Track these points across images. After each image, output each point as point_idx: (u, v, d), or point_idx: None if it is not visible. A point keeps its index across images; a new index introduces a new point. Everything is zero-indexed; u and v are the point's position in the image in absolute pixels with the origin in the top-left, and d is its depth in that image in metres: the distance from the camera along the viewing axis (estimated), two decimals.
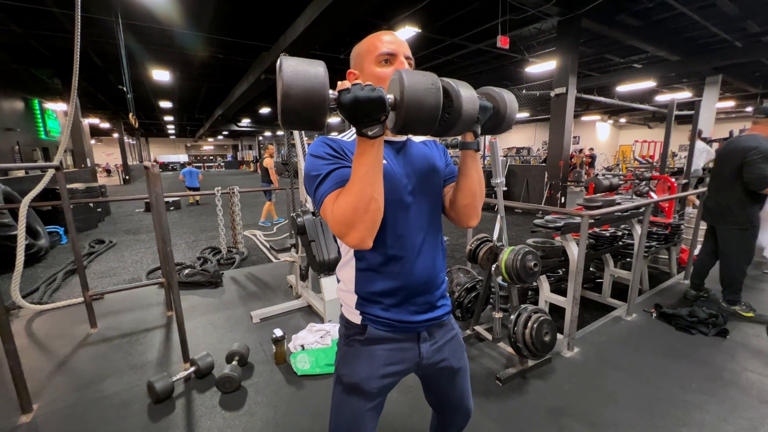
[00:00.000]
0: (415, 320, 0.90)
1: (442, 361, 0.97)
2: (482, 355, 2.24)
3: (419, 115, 0.66)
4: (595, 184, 3.85)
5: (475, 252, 2.38)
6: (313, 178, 0.80)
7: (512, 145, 22.56)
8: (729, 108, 15.06)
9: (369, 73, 0.85)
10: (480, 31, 7.12)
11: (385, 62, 0.84)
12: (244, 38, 7.38)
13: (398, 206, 0.85)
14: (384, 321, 0.88)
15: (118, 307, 2.99)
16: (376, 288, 0.88)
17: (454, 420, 1.10)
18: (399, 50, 0.84)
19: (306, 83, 0.61)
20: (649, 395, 1.88)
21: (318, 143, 0.85)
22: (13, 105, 9.04)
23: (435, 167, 0.93)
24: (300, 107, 0.62)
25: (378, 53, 0.83)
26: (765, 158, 2.48)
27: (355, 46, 0.89)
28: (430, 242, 0.91)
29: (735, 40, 7.68)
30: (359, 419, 0.91)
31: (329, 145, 0.84)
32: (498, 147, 2.10)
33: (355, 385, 0.90)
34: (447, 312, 0.97)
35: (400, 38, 0.86)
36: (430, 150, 0.97)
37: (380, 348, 0.89)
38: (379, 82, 0.82)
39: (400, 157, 0.90)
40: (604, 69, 10.74)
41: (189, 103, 16.36)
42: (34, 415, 1.75)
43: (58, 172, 2.36)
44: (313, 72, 0.62)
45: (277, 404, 1.82)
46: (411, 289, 0.88)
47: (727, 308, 2.78)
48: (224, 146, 41.63)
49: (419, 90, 0.65)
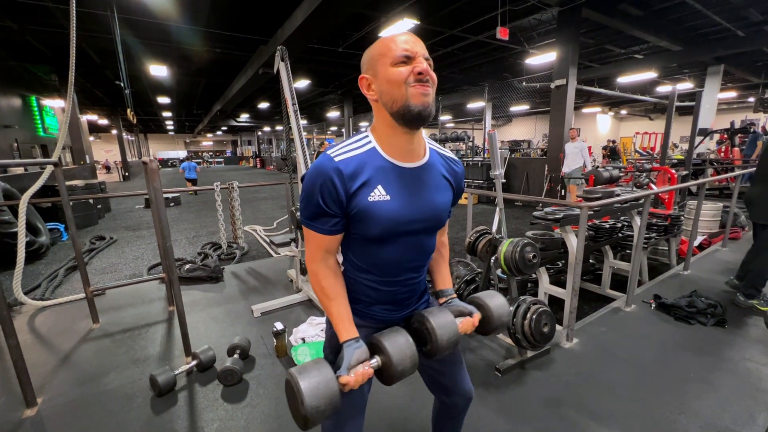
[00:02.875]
0: (394, 317, 0.98)
1: None
2: (482, 347, 2.26)
3: (399, 378, 0.84)
4: (595, 176, 3.84)
5: (475, 244, 2.39)
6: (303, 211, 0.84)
7: (513, 137, 22.46)
8: (731, 98, 14.97)
9: (384, 75, 0.78)
10: (479, 23, 7.05)
11: (402, 63, 0.77)
12: (241, 32, 7.31)
13: (396, 243, 0.87)
14: (365, 314, 0.96)
15: (119, 303, 3.00)
16: (360, 294, 0.94)
17: (456, 402, 1.13)
18: (416, 51, 0.78)
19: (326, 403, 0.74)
20: (647, 385, 1.89)
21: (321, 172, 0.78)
22: (10, 102, 9.01)
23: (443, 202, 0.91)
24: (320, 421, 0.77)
25: (395, 55, 0.77)
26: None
27: (367, 50, 0.84)
28: (419, 271, 0.97)
29: (737, 29, 7.61)
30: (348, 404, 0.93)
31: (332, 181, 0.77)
32: (496, 138, 2.09)
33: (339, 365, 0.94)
34: (424, 302, 1.05)
35: (416, 38, 0.80)
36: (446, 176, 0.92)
37: (363, 331, 0.93)
38: (395, 82, 0.77)
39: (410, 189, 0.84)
40: (604, 60, 10.65)
41: (187, 98, 16.28)
42: (38, 409, 1.77)
43: (56, 169, 2.35)
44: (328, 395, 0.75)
45: (279, 396, 1.84)
46: (393, 299, 0.95)
47: (744, 302, 2.69)
48: (223, 142, 41.54)
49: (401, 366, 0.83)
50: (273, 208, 8.26)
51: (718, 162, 8.44)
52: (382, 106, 0.81)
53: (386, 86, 0.78)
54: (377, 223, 0.82)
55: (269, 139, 31.01)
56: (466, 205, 3.14)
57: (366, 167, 0.80)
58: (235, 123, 23.82)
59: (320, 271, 0.87)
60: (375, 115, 0.85)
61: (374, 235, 0.84)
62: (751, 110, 13.71)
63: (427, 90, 0.77)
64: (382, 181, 0.81)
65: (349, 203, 0.80)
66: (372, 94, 0.83)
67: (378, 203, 0.80)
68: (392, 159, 0.83)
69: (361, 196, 0.79)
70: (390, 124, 0.81)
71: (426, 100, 0.77)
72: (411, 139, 0.83)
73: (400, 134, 0.82)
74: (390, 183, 0.82)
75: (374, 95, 0.82)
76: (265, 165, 26.73)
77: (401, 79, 0.76)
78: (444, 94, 14.13)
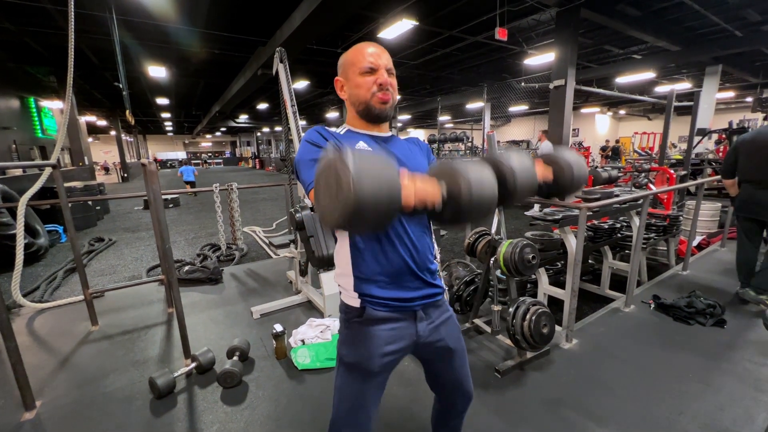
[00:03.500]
0: (410, 296, 0.94)
1: (439, 341, 1.01)
2: (481, 348, 2.26)
3: (475, 214, 0.68)
4: (593, 176, 3.85)
5: (474, 245, 2.39)
6: (305, 163, 0.87)
7: (512, 138, 22.49)
8: (729, 98, 14.99)
9: (353, 81, 0.94)
10: (478, 23, 7.06)
11: (367, 73, 0.92)
12: (240, 33, 7.31)
13: None
14: (381, 301, 0.92)
15: (118, 305, 3.00)
16: (371, 267, 0.92)
17: (455, 402, 1.13)
18: (380, 63, 0.93)
19: (381, 191, 0.56)
20: (646, 385, 1.89)
21: (312, 132, 0.94)
22: (8, 103, 9.00)
23: (419, 161, 1.02)
24: (373, 216, 0.57)
25: (361, 66, 0.92)
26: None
27: (342, 56, 0.98)
28: (416, 223, 0.96)
29: (735, 30, 7.63)
30: (362, 397, 0.95)
31: (321, 134, 0.93)
32: (495, 139, 2.09)
33: (356, 364, 0.94)
34: (440, 291, 1.02)
35: (381, 51, 0.95)
36: (413, 146, 1.06)
37: (379, 328, 0.93)
38: (360, 88, 0.93)
39: (385, 146, 0.98)
40: (603, 60, 10.67)
41: (186, 99, 16.26)
42: (37, 412, 1.76)
43: (55, 171, 2.35)
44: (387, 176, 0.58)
45: (278, 398, 1.84)
46: (404, 266, 0.93)
47: (755, 297, 2.70)
48: (222, 143, 41.51)
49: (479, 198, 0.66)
50: (272, 209, 8.26)
51: (717, 162, 8.45)
52: (351, 104, 0.98)
53: (354, 90, 0.95)
54: None
55: (268, 140, 31.01)
56: None
57: (345, 137, 0.96)
58: (234, 124, 23.79)
59: None
60: (347, 110, 1.02)
61: None
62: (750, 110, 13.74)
63: (386, 99, 0.94)
64: (363, 139, 0.96)
65: None
66: (344, 94, 0.99)
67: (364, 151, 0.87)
68: (364, 131, 0.99)
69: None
70: (357, 118, 0.99)
71: (384, 106, 0.94)
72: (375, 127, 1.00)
73: (366, 124, 0.99)
74: (368, 142, 0.96)
75: (345, 95, 0.99)
76: (264, 166, 26.72)
77: (366, 87, 0.92)
78: (443, 95, 14.13)
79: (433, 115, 17.14)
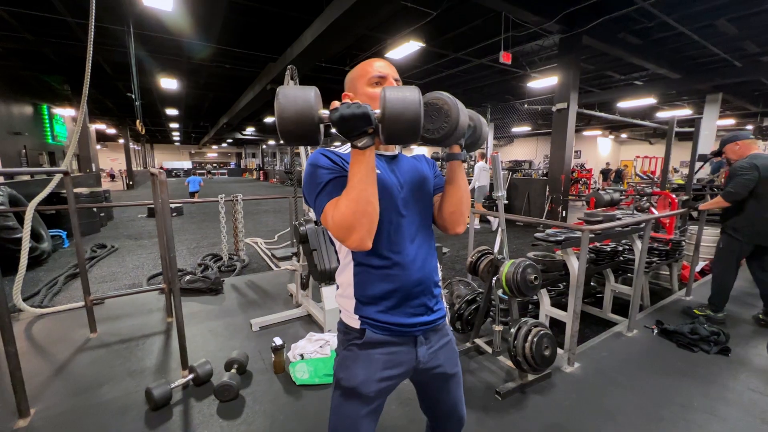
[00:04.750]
0: (411, 322, 0.93)
1: (437, 367, 0.99)
2: (482, 369, 2.23)
3: (399, 126, 0.74)
4: (596, 198, 3.87)
5: (476, 264, 2.39)
6: (314, 187, 0.87)
7: (514, 158, 22.68)
8: (729, 126, 15.17)
9: (362, 93, 0.93)
10: (483, 47, 7.25)
11: (376, 84, 0.92)
12: (251, 49, 7.53)
13: (392, 212, 0.91)
14: (382, 325, 0.91)
15: (118, 313, 2.99)
16: (374, 290, 0.91)
17: (447, 427, 1.11)
18: (389, 73, 0.93)
19: (297, 106, 0.72)
20: (649, 413, 1.86)
21: (317, 154, 0.91)
22: (22, 110, 9.18)
23: (425, 177, 1.01)
24: (292, 127, 0.73)
25: (370, 76, 0.92)
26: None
27: (349, 72, 0.98)
28: (423, 246, 0.96)
29: (734, 60, 7.80)
30: (357, 423, 0.92)
31: (327, 157, 0.90)
32: (500, 161, 2.13)
33: (353, 389, 0.91)
34: (442, 316, 1.01)
35: (389, 64, 0.95)
36: (419, 163, 1.05)
37: (378, 352, 0.92)
38: (371, 100, 0.89)
39: (392, 168, 0.97)
40: (605, 85, 10.88)
41: (195, 111, 16.58)
42: (31, 420, 1.74)
43: (66, 177, 2.39)
44: (302, 96, 0.73)
45: (275, 414, 1.81)
46: (407, 291, 0.92)
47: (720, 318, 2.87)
48: (228, 153, 41.99)
49: (397, 104, 0.73)
50: (275, 221, 8.29)
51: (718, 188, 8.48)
52: None
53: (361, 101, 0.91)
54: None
55: (273, 152, 31.37)
56: (468, 225, 3.15)
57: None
58: (241, 136, 24.14)
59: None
60: None
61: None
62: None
63: None
64: None
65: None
66: None
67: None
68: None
69: None
70: None
71: None
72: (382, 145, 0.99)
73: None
74: (377, 163, 0.92)
75: None
76: (268, 178, 26.95)
77: (375, 96, 0.88)
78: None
79: None
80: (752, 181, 2.62)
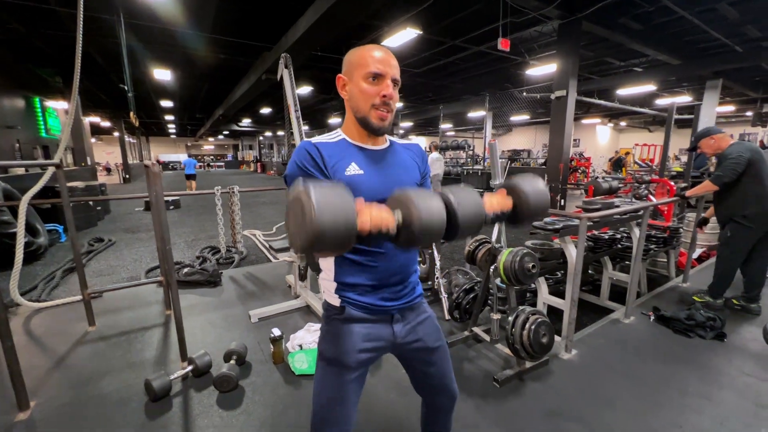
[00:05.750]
0: (387, 305, 0.99)
1: (417, 341, 1.04)
2: (480, 357, 2.24)
3: (426, 239, 0.73)
4: (594, 186, 3.86)
5: (474, 253, 2.39)
6: (288, 177, 0.92)
7: (513, 147, 22.59)
8: (729, 112, 15.09)
9: (356, 84, 0.91)
10: (481, 34, 7.13)
11: (372, 80, 0.89)
12: (245, 38, 7.39)
13: None
14: (359, 304, 0.97)
15: (116, 306, 2.99)
16: (353, 279, 0.96)
17: (441, 402, 1.15)
18: (387, 72, 0.89)
19: (337, 225, 0.63)
20: (646, 398, 1.88)
21: (302, 149, 0.92)
22: (14, 103, 9.05)
23: (411, 179, 1.02)
24: (329, 244, 0.65)
25: (367, 71, 0.89)
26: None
27: (349, 52, 0.94)
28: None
29: (735, 45, 7.70)
30: (340, 390, 0.98)
31: (309, 154, 0.90)
32: (497, 148, 2.11)
33: (334, 359, 0.97)
34: (418, 295, 1.07)
35: (390, 57, 0.91)
36: (411, 159, 1.05)
37: (357, 326, 0.97)
38: (363, 95, 0.90)
39: (379, 166, 0.96)
40: (604, 72, 10.76)
41: (190, 102, 16.35)
42: (31, 412, 1.75)
43: (58, 170, 2.36)
44: (343, 212, 0.65)
45: (275, 403, 1.83)
46: (385, 280, 0.97)
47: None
48: (225, 146, 41.66)
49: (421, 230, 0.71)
50: (273, 213, 8.26)
51: None
52: (349, 107, 0.96)
53: (355, 95, 0.92)
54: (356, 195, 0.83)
55: (270, 144, 31.14)
56: None
57: (339, 149, 0.94)
58: (237, 127, 23.91)
59: None
60: (346, 110, 0.98)
61: None
62: (749, 124, 13.83)
63: (385, 116, 0.92)
64: (355, 159, 0.94)
65: (332, 177, 0.90)
66: (345, 94, 0.96)
67: (355, 177, 0.91)
68: (359, 143, 0.97)
69: (339, 171, 0.90)
70: (355, 122, 0.96)
71: (382, 123, 0.92)
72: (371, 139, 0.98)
73: (362, 131, 0.96)
74: (361, 161, 0.94)
75: (346, 96, 0.95)
76: (265, 170, 26.80)
77: (368, 96, 0.90)
78: (445, 103, 14.23)
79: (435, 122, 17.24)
80: (741, 164, 2.60)
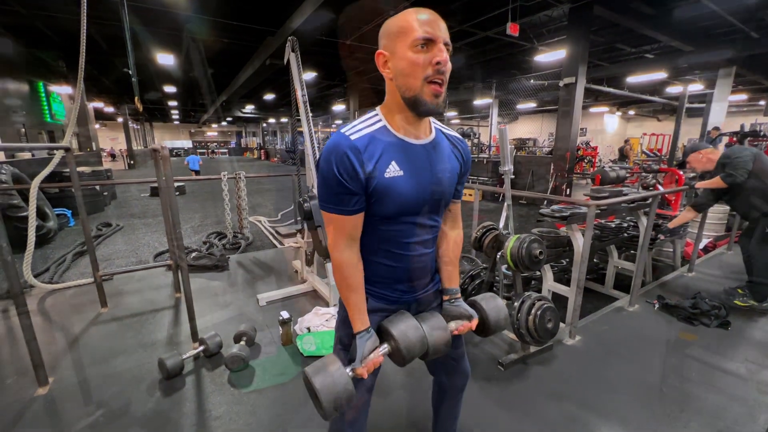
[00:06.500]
0: (405, 298, 1.00)
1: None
2: (485, 342, 2.27)
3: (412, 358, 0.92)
4: (601, 175, 3.84)
5: (481, 240, 2.39)
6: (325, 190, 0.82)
7: (519, 135, 22.32)
8: (741, 101, 14.76)
9: (402, 56, 0.76)
10: (489, 18, 6.97)
11: (421, 47, 0.75)
12: (249, 22, 7.28)
13: (405, 221, 0.89)
14: (377, 294, 0.97)
15: (127, 288, 3.05)
16: (373, 276, 0.95)
17: (454, 381, 1.18)
18: (438, 36, 0.75)
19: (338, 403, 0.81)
20: (648, 384, 1.90)
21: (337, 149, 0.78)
22: (18, 88, 9.03)
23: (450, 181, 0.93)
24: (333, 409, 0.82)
25: (414, 37, 0.74)
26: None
27: (386, 22, 0.80)
28: (428, 243, 0.97)
29: (751, 31, 7.48)
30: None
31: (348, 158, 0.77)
32: (507, 134, 2.09)
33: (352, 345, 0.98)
34: (436, 283, 1.07)
35: (438, 18, 0.77)
36: (454, 156, 0.95)
37: (374, 314, 0.96)
38: (412, 67, 0.76)
39: (420, 166, 0.85)
40: (614, 59, 10.52)
41: (193, 88, 16.22)
42: (50, 388, 1.81)
43: (68, 154, 2.38)
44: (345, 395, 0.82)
45: (285, 383, 1.87)
46: (405, 277, 0.97)
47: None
48: (228, 132, 41.51)
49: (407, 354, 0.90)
50: (278, 200, 8.30)
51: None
52: (396, 87, 0.81)
53: (402, 70, 0.77)
54: (393, 200, 0.83)
55: (274, 131, 30.99)
56: (473, 202, 3.14)
57: (378, 144, 0.81)
58: (241, 114, 23.78)
59: (345, 261, 0.87)
60: (388, 93, 0.85)
61: (389, 213, 0.85)
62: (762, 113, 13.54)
63: (440, 91, 0.79)
64: (395, 157, 0.82)
65: (368, 182, 0.80)
66: (388, 72, 0.81)
67: (395, 180, 0.81)
68: (402, 136, 0.84)
69: (379, 174, 0.80)
70: (400, 105, 0.82)
71: (437, 100, 0.79)
72: (419, 119, 0.85)
73: (409, 115, 0.83)
74: (401, 159, 0.83)
75: (390, 74, 0.81)
76: (269, 157, 26.76)
77: (418, 67, 0.75)
78: (451, 90, 14.04)
79: None
80: (748, 161, 2.56)
